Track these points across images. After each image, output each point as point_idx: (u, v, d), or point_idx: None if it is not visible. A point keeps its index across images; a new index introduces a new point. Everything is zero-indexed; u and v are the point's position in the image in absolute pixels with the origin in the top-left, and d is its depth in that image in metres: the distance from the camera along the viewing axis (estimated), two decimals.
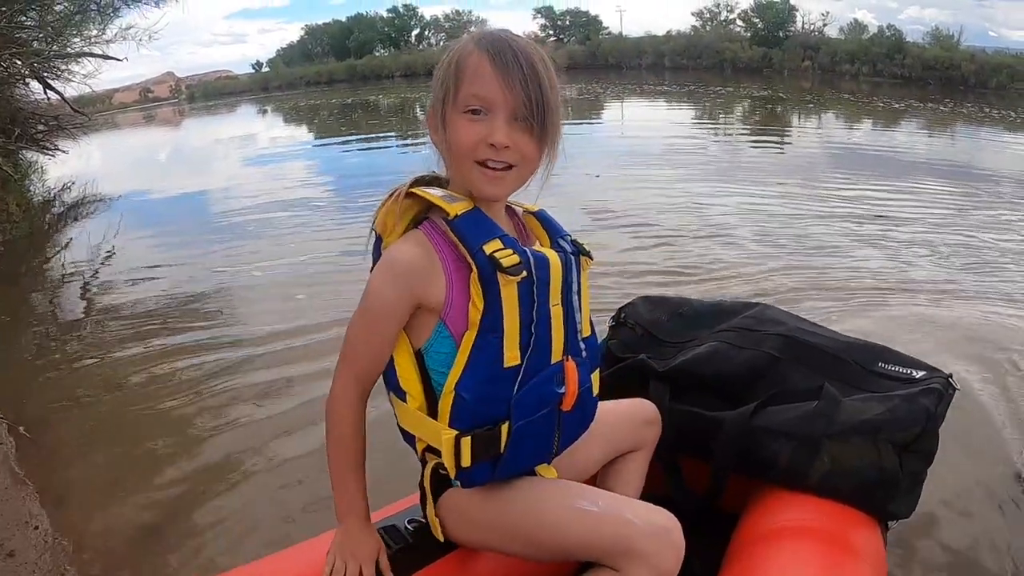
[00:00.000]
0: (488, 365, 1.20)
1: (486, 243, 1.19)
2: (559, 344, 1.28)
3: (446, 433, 1.22)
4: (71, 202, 9.82)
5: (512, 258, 1.18)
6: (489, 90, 1.16)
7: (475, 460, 1.23)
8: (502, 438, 1.24)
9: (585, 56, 43.98)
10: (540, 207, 1.39)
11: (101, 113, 23.34)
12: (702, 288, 4.45)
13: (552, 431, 1.31)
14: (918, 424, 1.57)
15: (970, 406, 2.90)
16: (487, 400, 1.22)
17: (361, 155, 12.98)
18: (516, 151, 1.19)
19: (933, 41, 35.38)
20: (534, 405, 1.26)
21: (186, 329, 4.34)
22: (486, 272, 1.17)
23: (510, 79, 1.15)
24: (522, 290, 1.20)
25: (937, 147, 12.57)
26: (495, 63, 1.15)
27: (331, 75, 46.90)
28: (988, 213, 6.70)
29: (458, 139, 1.18)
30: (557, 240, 1.34)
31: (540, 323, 1.23)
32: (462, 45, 1.21)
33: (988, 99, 23.78)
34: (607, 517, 1.22)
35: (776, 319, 1.93)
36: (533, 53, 1.19)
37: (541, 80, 1.18)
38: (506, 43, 1.17)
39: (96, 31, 11.00)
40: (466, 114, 1.17)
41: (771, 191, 7.65)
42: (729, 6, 44.65)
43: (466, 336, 1.20)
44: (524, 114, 1.17)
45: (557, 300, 1.26)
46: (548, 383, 1.27)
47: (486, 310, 1.18)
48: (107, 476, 2.79)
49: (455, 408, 1.22)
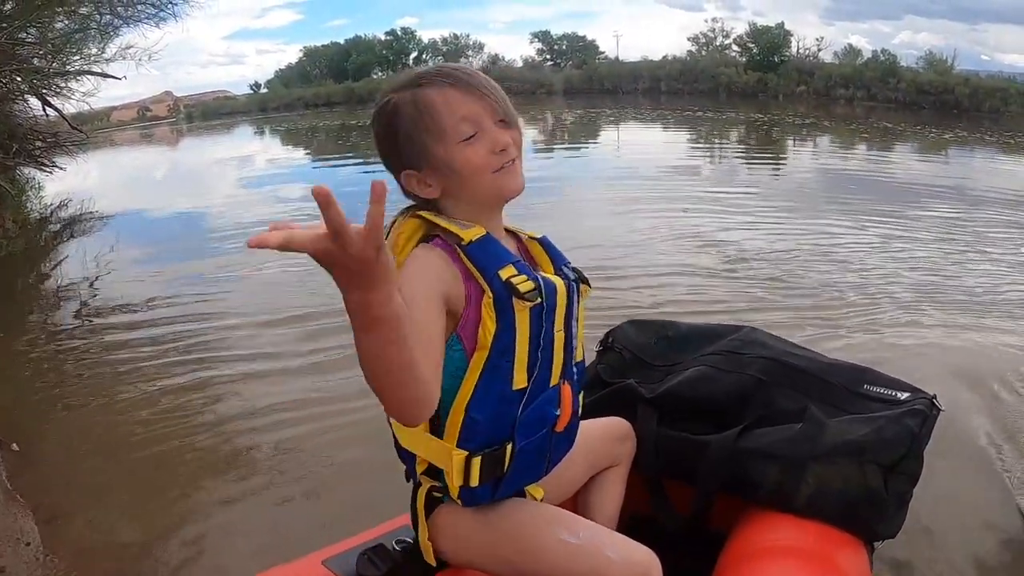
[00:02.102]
0: (500, 387, 1.22)
1: (501, 268, 1.20)
2: (558, 368, 1.30)
3: (457, 454, 1.23)
4: (68, 219, 9.85)
5: (527, 284, 1.20)
6: (471, 108, 1.19)
7: (483, 481, 1.25)
8: (507, 458, 1.26)
9: (582, 80, 44.07)
10: (543, 234, 1.41)
11: (99, 131, 23.30)
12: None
13: (545, 451, 1.33)
14: (903, 445, 1.59)
15: (958, 426, 2.92)
16: (497, 421, 1.24)
17: (359, 176, 13.02)
18: (515, 145, 1.23)
19: (927, 65, 35.64)
20: (535, 426, 1.28)
21: (180, 347, 4.35)
22: (501, 297, 1.19)
23: (478, 91, 1.20)
24: (533, 315, 1.22)
25: (932, 170, 12.68)
26: (458, 86, 1.20)
27: (329, 97, 46.86)
28: (980, 236, 6.76)
29: (470, 164, 1.20)
30: (560, 267, 1.36)
31: (545, 347, 1.25)
32: (405, 98, 1.21)
33: (982, 122, 23.98)
34: (586, 550, 1.25)
35: (762, 342, 1.95)
36: (461, 64, 1.27)
37: (487, 77, 1.24)
38: (446, 70, 1.22)
39: (96, 50, 11.05)
40: (464, 143, 1.19)
41: (764, 216, 7.71)
42: (725, 31, 44.92)
43: (476, 357, 1.21)
44: (504, 112, 1.22)
45: (560, 326, 1.28)
46: (548, 405, 1.29)
47: (499, 334, 1.20)
48: (100, 493, 2.79)
49: (465, 429, 1.22)
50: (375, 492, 1.55)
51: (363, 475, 2.71)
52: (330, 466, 2.90)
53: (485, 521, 1.31)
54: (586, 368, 2.08)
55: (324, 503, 2.64)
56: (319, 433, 3.16)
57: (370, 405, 1.34)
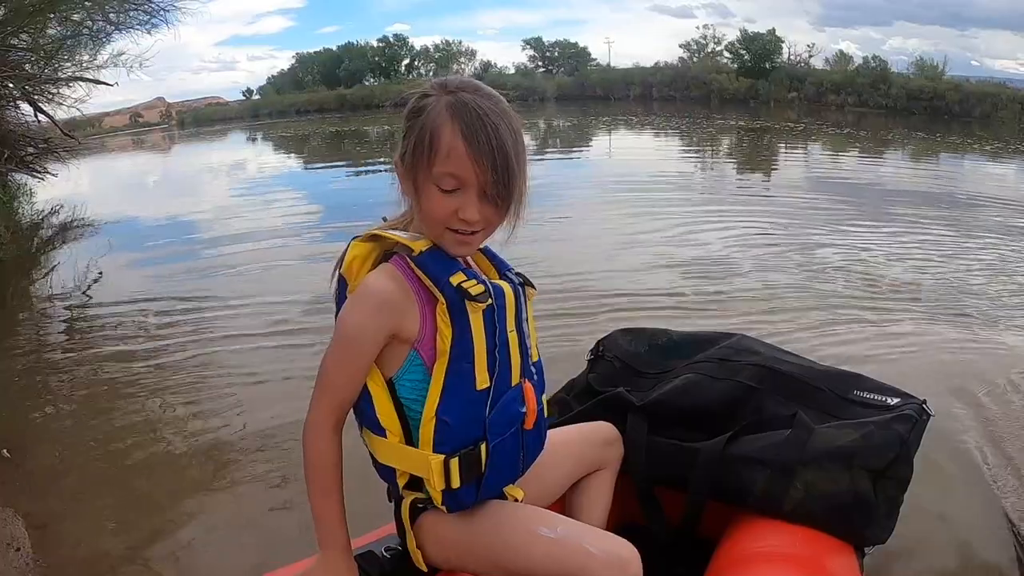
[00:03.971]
0: (464, 389, 1.27)
1: (451, 276, 1.26)
2: (517, 367, 1.35)
3: (434, 458, 1.27)
4: (59, 225, 9.80)
5: (478, 287, 1.26)
6: (463, 170, 1.20)
7: (463, 482, 1.29)
8: (483, 457, 1.30)
9: (574, 87, 44.29)
10: None
11: (91, 137, 23.28)
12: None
13: (519, 449, 1.37)
14: (892, 450, 1.59)
15: (946, 431, 2.93)
16: (467, 422, 1.28)
17: (350, 182, 13.05)
18: (483, 222, 1.26)
19: (917, 71, 35.90)
20: (505, 424, 1.32)
21: (172, 354, 4.34)
22: (455, 302, 1.25)
23: (482, 159, 1.19)
24: (486, 317, 1.28)
25: (921, 175, 12.78)
26: (468, 144, 1.19)
27: (321, 103, 46.86)
28: (972, 242, 6.80)
29: (431, 209, 1.24)
30: (504, 272, 1.41)
31: (501, 348, 1.30)
32: (437, 109, 1.22)
33: (972, 128, 24.11)
34: (566, 544, 1.27)
35: (752, 349, 1.96)
36: (501, 123, 1.21)
37: (508, 155, 1.21)
38: (478, 115, 1.20)
39: (88, 56, 11.06)
40: (438, 189, 1.22)
41: (759, 220, 7.75)
42: (716, 38, 45.15)
43: (438, 364, 1.26)
44: (492, 192, 1.22)
45: (512, 327, 1.34)
46: (513, 403, 1.34)
47: (456, 338, 1.26)
48: (90, 499, 2.79)
49: (439, 433, 1.27)
50: (364, 500, 1.54)
51: (352, 483, 2.70)
52: None
53: (467, 523, 1.34)
54: (577, 377, 2.09)
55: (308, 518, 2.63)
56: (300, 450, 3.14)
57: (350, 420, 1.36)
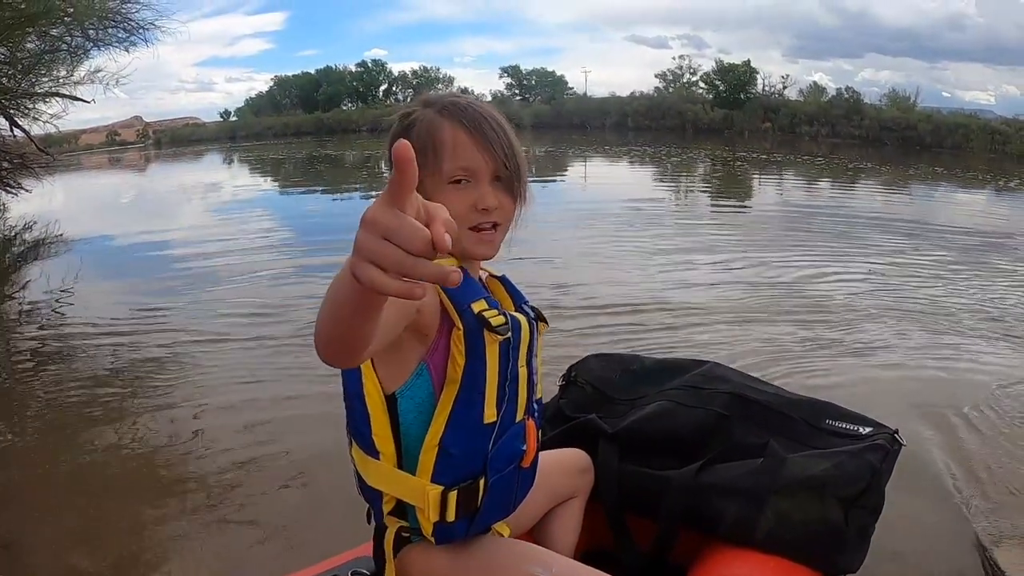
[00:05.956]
0: (472, 420, 1.22)
1: (474, 302, 1.21)
2: (523, 404, 1.31)
3: (432, 488, 1.22)
4: (32, 241, 9.70)
5: (499, 318, 1.22)
6: (473, 160, 1.19)
7: (458, 516, 1.24)
8: (480, 493, 1.25)
9: (550, 115, 44.48)
10: (503, 273, 1.42)
11: (67, 153, 23.14)
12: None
13: (514, 487, 1.33)
14: (863, 479, 1.61)
15: (918, 456, 2.96)
16: (470, 455, 1.23)
17: (325, 207, 13.04)
18: (502, 210, 1.23)
19: (890, 102, 36.49)
20: (505, 460, 1.28)
21: (140, 375, 4.31)
22: (473, 330, 1.19)
23: (489, 145, 1.19)
24: (502, 349, 1.23)
25: (893, 205, 13.00)
26: (472, 134, 1.19)
27: (299, 127, 46.89)
28: (939, 269, 6.94)
29: (448, 210, 1.18)
30: (520, 305, 1.38)
31: (511, 382, 1.26)
32: (427, 117, 1.22)
33: (944, 158, 24.51)
34: None
35: (724, 377, 1.97)
36: (498, 115, 1.24)
37: (512, 141, 1.23)
38: (474, 110, 1.21)
39: (65, 72, 11.01)
40: (451, 185, 1.20)
41: (724, 251, 7.84)
42: (692, 69, 45.79)
43: (447, 391, 1.21)
44: (505, 175, 1.22)
45: (523, 362, 1.30)
46: (516, 440, 1.30)
47: (469, 367, 1.20)
48: (57, 520, 2.74)
49: (440, 463, 1.21)
50: (331, 522, 1.53)
51: (320, 505, 2.69)
52: (286, 495, 2.89)
53: (456, 558, 1.29)
54: (549, 402, 2.08)
55: (278, 532, 2.61)
56: (274, 460, 3.15)
57: (328, 433, 1.34)
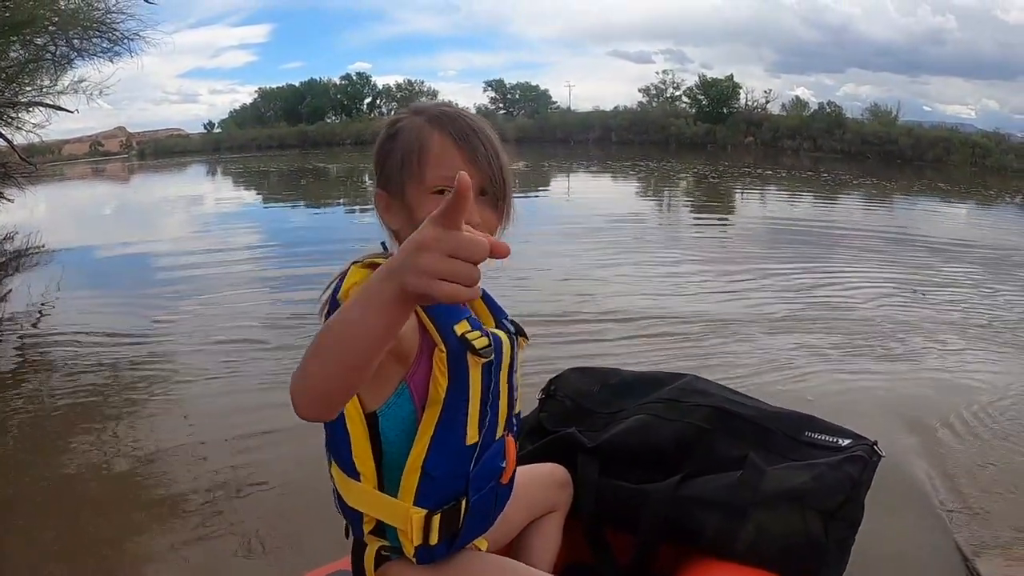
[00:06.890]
0: (454, 443, 1.20)
1: (456, 323, 1.18)
2: (503, 421, 1.29)
3: (415, 512, 1.19)
4: (13, 252, 9.62)
5: (482, 340, 1.19)
6: (457, 168, 1.11)
7: (441, 538, 1.22)
8: (461, 513, 1.24)
9: (534, 129, 44.53)
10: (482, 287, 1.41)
11: (50, 163, 23.01)
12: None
13: (493, 504, 1.32)
14: (842, 492, 1.61)
15: (899, 468, 2.99)
16: (452, 476, 1.21)
17: (308, 220, 13.03)
18: (484, 227, 1.17)
19: (871, 117, 36.83)
20: (485, 479, 1.27)
21: (121, 389, 4.28)
22: (456, 352, 1.17)
23: (476, 158, 1.17)
24: (484, 371, 1.21)
25: (874, 218, 13.17)
26: (460, 145, 1.17)
27: (283, 139, 46.83)
28: (920, 278, 7.06)
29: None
30: (501, 320, 1.35)
31: (493, 402, 1.24)
32: (415, 125, 1.20)
33: (925, 172, 24.74)
34: None
35: (704, 390, 1.97)
36: (487, 128, 1.21)
37: (500, 155, 1.20)
38: (463, 121, 1.19)
39: (49, 81, 10.94)
40: (435, 195, 1.16)
41: (701, 267, 7.88)
42: (675, 83, 46.17)
43: (428, 413, 1.18)
44: (491, 190, 1.19)
45: (504, 379, 1.28)
46: (496, 458, 1.28)
47: (451, 389, 1.17)
48: (38, 533, 2.74)
49: (422, 486, 1.19)
50: (310, 536, 1.52)
51: (299, 519, 2.67)
52: (265, 508, 2.88)
53: (437, 575, 1.27)
54: (528, 416, 2.07)
55: (258, 546, 2.60)
56: (254, 474, 3.15)
57: (308, 445, 1.33)
